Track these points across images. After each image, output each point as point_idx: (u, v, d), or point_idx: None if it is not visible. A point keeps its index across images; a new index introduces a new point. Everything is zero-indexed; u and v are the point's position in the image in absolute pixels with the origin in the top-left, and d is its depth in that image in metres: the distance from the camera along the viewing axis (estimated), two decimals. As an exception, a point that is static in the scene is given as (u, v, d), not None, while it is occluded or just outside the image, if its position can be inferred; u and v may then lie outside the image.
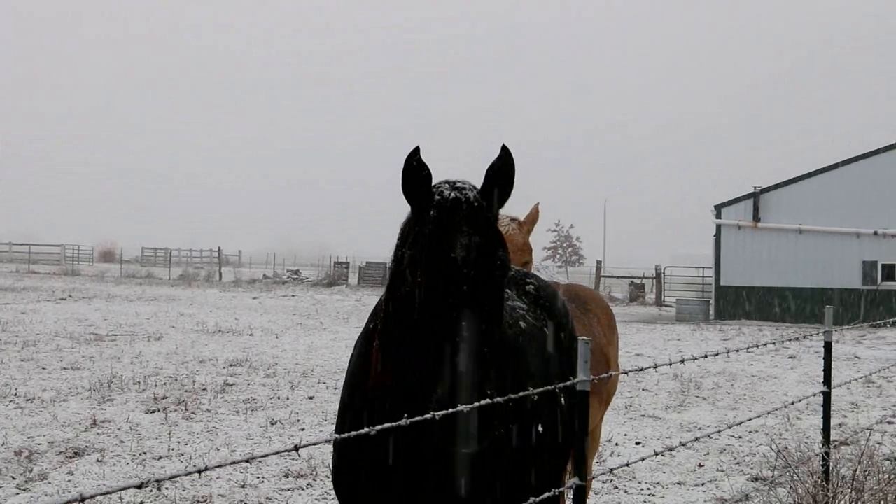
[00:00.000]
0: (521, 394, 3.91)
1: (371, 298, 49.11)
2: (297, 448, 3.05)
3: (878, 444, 13.12)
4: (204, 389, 16.24)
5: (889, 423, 15.05)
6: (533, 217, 7.03)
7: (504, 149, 3.80)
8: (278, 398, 15.74)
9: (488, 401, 3.42)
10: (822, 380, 8.13)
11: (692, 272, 57.20)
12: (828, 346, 7.35)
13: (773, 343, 10.18)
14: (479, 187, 3.81)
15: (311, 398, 15.88)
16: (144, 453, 11.35)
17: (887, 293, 40.79)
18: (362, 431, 3.33)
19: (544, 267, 31.41)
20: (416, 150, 3.70)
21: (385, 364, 3.92)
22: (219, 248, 74.89)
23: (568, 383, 4.37)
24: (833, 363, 25.72)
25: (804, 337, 9.88)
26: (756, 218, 42.86)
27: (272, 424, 13.45)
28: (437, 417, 3.36)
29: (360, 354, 4.32)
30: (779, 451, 9.99)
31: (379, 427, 3.34)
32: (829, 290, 41.04)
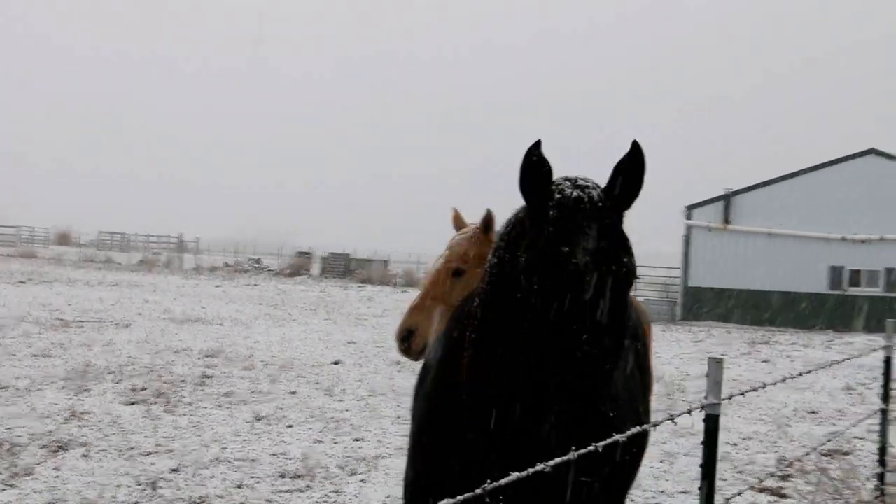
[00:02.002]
0: (643, 427, 3.59)
1: (335, 290, 48.66)
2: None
3: (873, 453, 12.97)
4: (182, 381, 15.79)
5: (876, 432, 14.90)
6: (481, 225, 6.47)
7: (634, 144, 3.42)
8: (259, 392, 15.33)
9: (616, 438, 3.10)
10: (806, 386, 7.86)
11: (659, 271, 57.14)
12: (888, 361, 7.03)
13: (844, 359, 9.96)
14: (603, 186, 3.44)
15: (293, 393, 15.46)
16: (132, 448, 10.91)
17: (853, 298, 41.01)
18: (508, 479, 2.97)
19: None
20: (538, 145, 3.34)
21: (480, 377, 3.59)
22: (180, 234, 73.98)
23: (697, 407, 4.06)
24: (805, 368, 25.65)
25: (872, 350, 9.63)
26: (726, 220, 42.93)
27: (258, 420, 13.04)
28: (573, 454, 3.05)
29: (442, 365, 3.96)
30: (788, 462, 9.78)
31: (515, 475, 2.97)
32: (796, 294, 41.20)
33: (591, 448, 3.12)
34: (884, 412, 6.87)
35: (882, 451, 7.18)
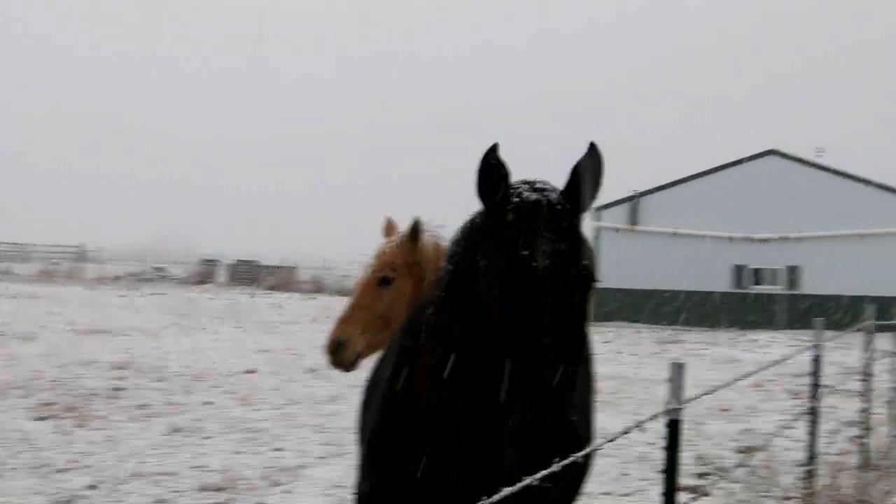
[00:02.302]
0: (616, 435, 3.53)
1: (243, 297, 48.02)
2: None
3: (787, 450, 13.22)
4: (94, 395, 15.38)
5: (790, 428, 15.18)
6: (408, 233, 6.35)
7: (592, 146, 3.37)
8: (174, 403, 15.00)
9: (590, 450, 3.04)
10: (716, 384, 7.89)
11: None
12: (816, 360, 7.09)
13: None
14: (560, 189, 3.37)
15: (208, 403, 15.17)
16: (44, 465, 10.56)
17: (756, 296, 41.91)
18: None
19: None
20: (494, 148, 3.27)
21: (440, 386, 3.50)
22: (82, 243, 72.26)
23: (661, 412, 4.02)
24: (714, 367, 25.91)
25: (805, 350, 9.76)
26: (634, 221, 43.51)
27: (175, 432, 12.74)
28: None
29: (395, 376, 3.85)
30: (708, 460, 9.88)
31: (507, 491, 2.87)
32: (702, 293, 41.93)
33: (567, 461, 3.05)
34: (813, 410, 6.97)
35: (811, 447, 7.27)
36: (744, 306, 41.70)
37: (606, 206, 44.19)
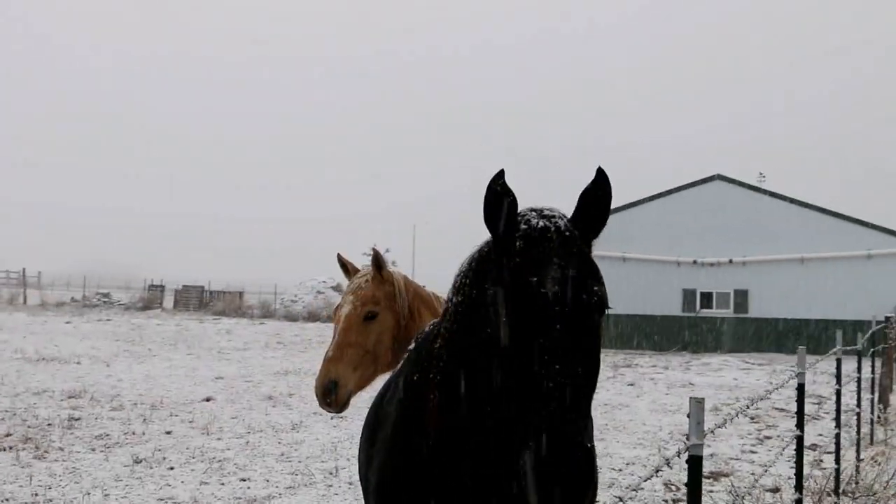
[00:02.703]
0: (652, 475, 3.50)
1: (191, 322, 47.49)
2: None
3: (752, 474, 13.32)
4: (49, 425, 15.08)
5: (752, 451, 15.32)
6: (372, 266, 6.29)
7: (599, 172, 3.35)
8: (133, 433, 14.75)
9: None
10: (675, 409, 7.95)
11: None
12: (801, 388, 7.13)
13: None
14: (568, 216, 3.36)
15: (168, 433, 14.94)
16: (6, 500, 10.31)
17: (704, 320, 42.31)
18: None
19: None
20: (501, 174, 3.24)
21: (451, 420, 3.46)
22: (23, 269, 71.05)
23: (683, 450, 3.98)
24: (670, 390, 26.02)
25: (791, 378, 9.82)
26: (582, 246, 43.75)
27: (137, 463, 12.52)
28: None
29: (405, 408, 3.81)
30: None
31: None
32: (651, 317, 42.24)
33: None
34: (799, 439, 7.01)
35: (798, 476, 7.30)
36: (694, 330, 42.08)
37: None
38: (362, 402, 6.17)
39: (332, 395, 5.65)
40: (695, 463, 3.94)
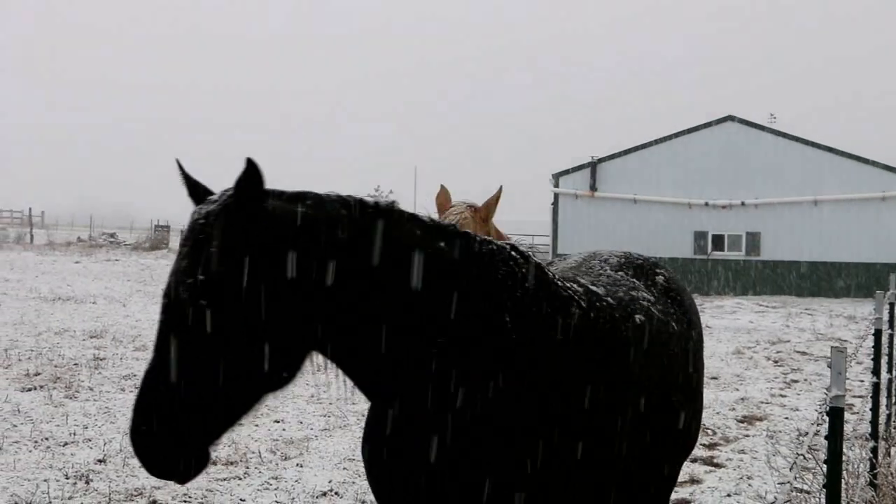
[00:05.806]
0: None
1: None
2: None
3: (786, 418, 13.32)
4: (76, 364, 15.06)
5: (781, 395, 15.29)
6: (489, 202, 6.30)
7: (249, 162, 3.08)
8: (160, 374, 14.70)
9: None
10: None
11: (523, 240, 57.74)
12: (878, 334, 6.98)
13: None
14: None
15: (195, 373, 14.89)
16: (46, 439, 10.29)
17: (716, 262, 42.24)
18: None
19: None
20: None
21: None
22: (29, 208, 70.91)
23: (825, 400, 3.87)
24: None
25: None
26: (593, 187, 43.55)
27: (169, 404, 12.47)
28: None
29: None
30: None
31: None
32: (662, 260, 42.12)
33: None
34: (876, 385, 6.90)
35: (874, 424, 7.18)
36: (705, 272, 42.01)
37: (565, 173, 44.17)
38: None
39: None
40: (836, 414, 3.79)
